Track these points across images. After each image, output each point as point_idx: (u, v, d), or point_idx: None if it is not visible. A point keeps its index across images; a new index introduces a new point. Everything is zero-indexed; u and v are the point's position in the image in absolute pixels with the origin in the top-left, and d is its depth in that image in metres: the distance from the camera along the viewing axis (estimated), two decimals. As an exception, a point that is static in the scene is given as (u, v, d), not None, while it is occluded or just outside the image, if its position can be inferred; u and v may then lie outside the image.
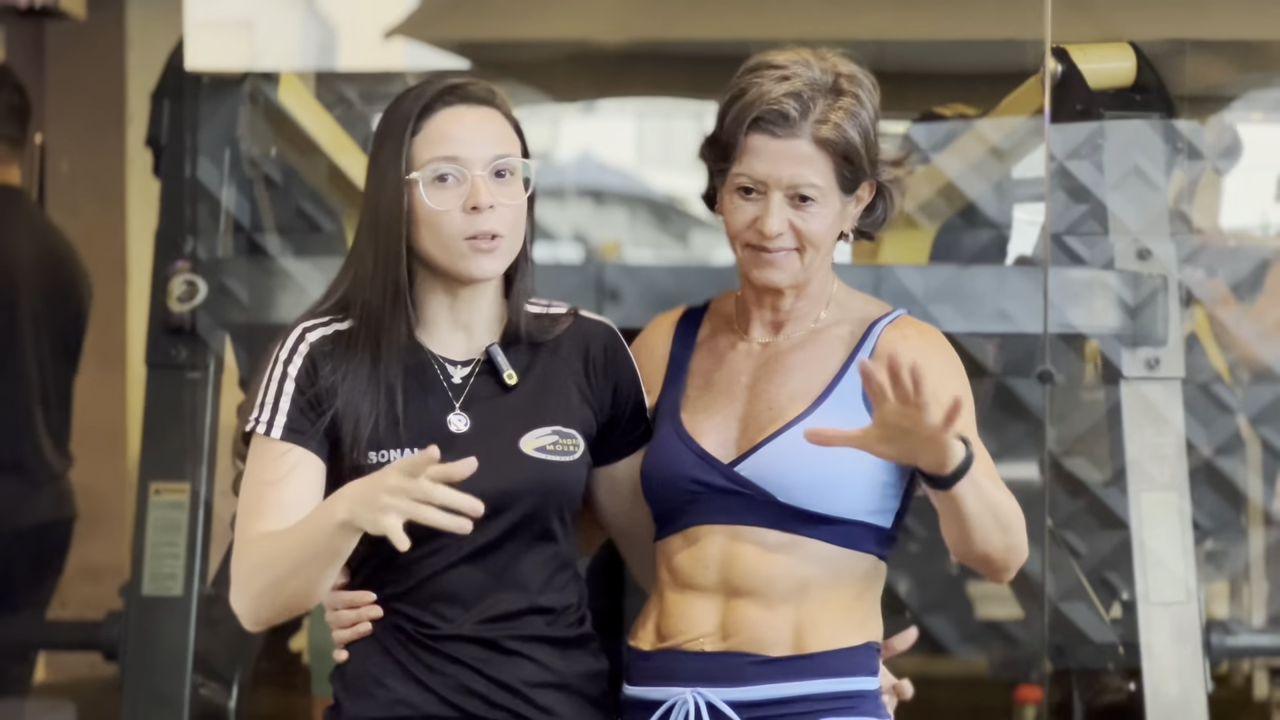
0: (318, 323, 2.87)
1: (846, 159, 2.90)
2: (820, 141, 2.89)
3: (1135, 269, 4.00)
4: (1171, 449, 3.99)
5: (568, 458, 2.88)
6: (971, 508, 2.73)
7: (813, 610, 2.88)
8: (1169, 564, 3.94)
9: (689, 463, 2.92)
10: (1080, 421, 4.15)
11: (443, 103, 2.86)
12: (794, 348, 2.97)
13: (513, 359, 2.90)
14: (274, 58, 5.93)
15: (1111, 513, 4.04)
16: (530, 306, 2.95)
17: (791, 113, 2.89)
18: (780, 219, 2.91)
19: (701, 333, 3.07)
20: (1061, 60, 4.08)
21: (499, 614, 2.84)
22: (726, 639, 2.89)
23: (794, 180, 2.90)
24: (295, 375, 2.83)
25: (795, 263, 2.93)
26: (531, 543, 2.86)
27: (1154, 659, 3.90)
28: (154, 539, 3.99)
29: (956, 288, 3.93)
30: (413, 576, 2.83)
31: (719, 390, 2.98)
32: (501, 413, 2.87)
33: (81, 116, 6.10)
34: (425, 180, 2.82)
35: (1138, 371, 3.99)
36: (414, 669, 2.83)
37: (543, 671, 2.85)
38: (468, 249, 2.82)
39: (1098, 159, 4.08)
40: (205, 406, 4.01)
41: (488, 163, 2.84)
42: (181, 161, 4.13)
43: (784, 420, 2.90)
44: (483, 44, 6.02)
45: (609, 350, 2.97)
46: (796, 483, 2.87)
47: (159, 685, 3.92)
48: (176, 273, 4.02)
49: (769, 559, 2.89)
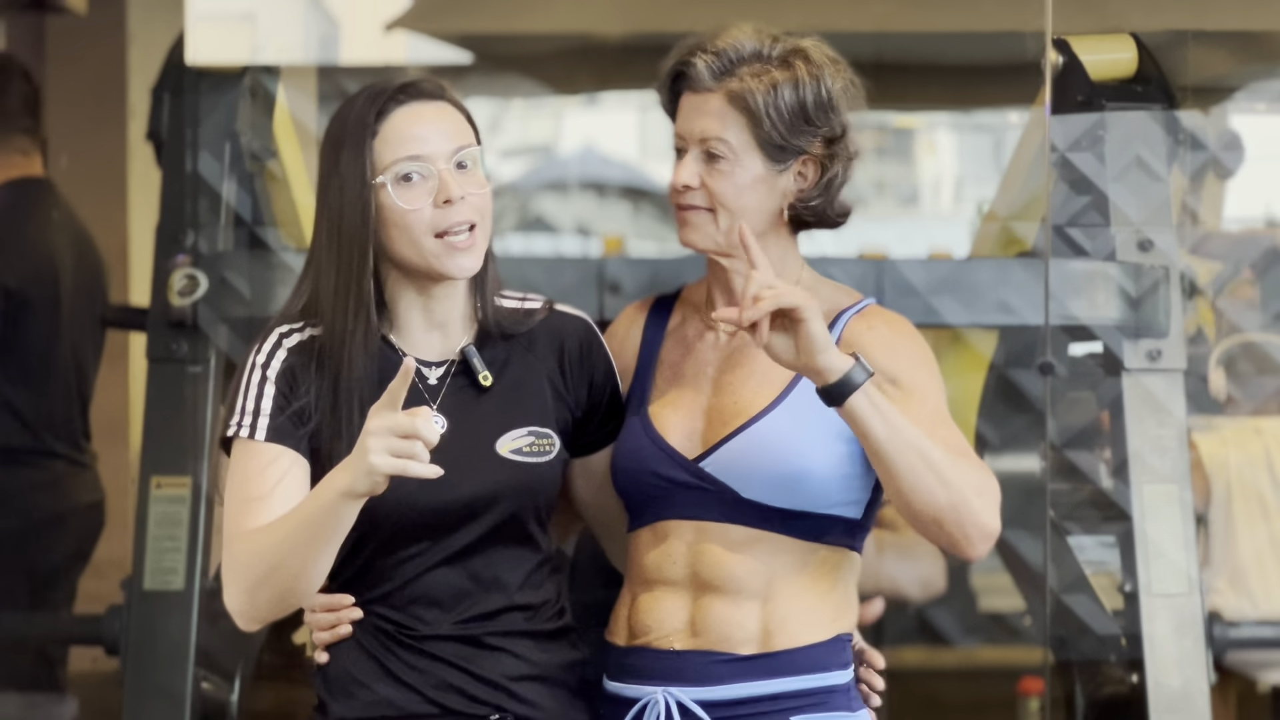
0: (293, 328, 2.86)
1: (761, 121, 2.88)
2: (731, 97, 2.89)
3: (1137, 260, 3.99)
4: (1173, 440, 3.99)
5: (543, 458, 2.88)
6: (880, 434, 2.72)
7: (780, 606, 2.88)
8: (1171, 555, 3.94)
9: (654, 458, 2.92)
10: (1081, 413, 4.15)
11: (396, 102, 2.84)
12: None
13: (487, 356, 2.89)
14: (275, 51, 5.93)
15: (1113, 504, 4.04)
16: (504, 300, 2.95)
17: (703, 68, 2.90)
18: (691, 172, 2.92)
19: (672, 321, 3.06)
20: (1063, 52, 4.08)
21: (478, 614, 2.84)
22: (695, 636, 2.89)
23: (704, 132, 2.90)
24: (275, 379, 2.82)
25: (709, 223, 2.92)
26: (509, 543, 2.87)
27: (1156, 651, 3.90)
28: (155, 533, 3.99)
29: (958, 280, 3.93)
30: (391, 580, 2.84)
31: (686, 381, 2.97)
32: (477, 415, 2.87)
33: (82, 111, 6.09)
34: (392, 181, 2.80)
35: (1139, 363, 3.98)
36: (395, 669, 2.84)
37: (523, 665, 2.86)
38: (441, 248, 2.81)
39: (1099, 150, 4.07)
40: (206, 400, 4.01)
41: (450, 156, 2.83)
42: (182, 156, 4.12)
43: (747, 416, 2.89)
44: (485, 37, 6.03)
45: (584, 345, 2.97)
46: (759, 480, 2.87)
47: (160, 679, 3.92)
48: (177, 267, 4.02)
49: (735, 555, 2.89)
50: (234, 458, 2.82)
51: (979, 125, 9.14)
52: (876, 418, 2.72)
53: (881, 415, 2.72)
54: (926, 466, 2.74)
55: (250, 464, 2.80)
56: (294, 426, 2.81)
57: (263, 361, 2.84)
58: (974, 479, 2.79)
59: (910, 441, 2.74)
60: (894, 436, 2.73)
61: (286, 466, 2.79)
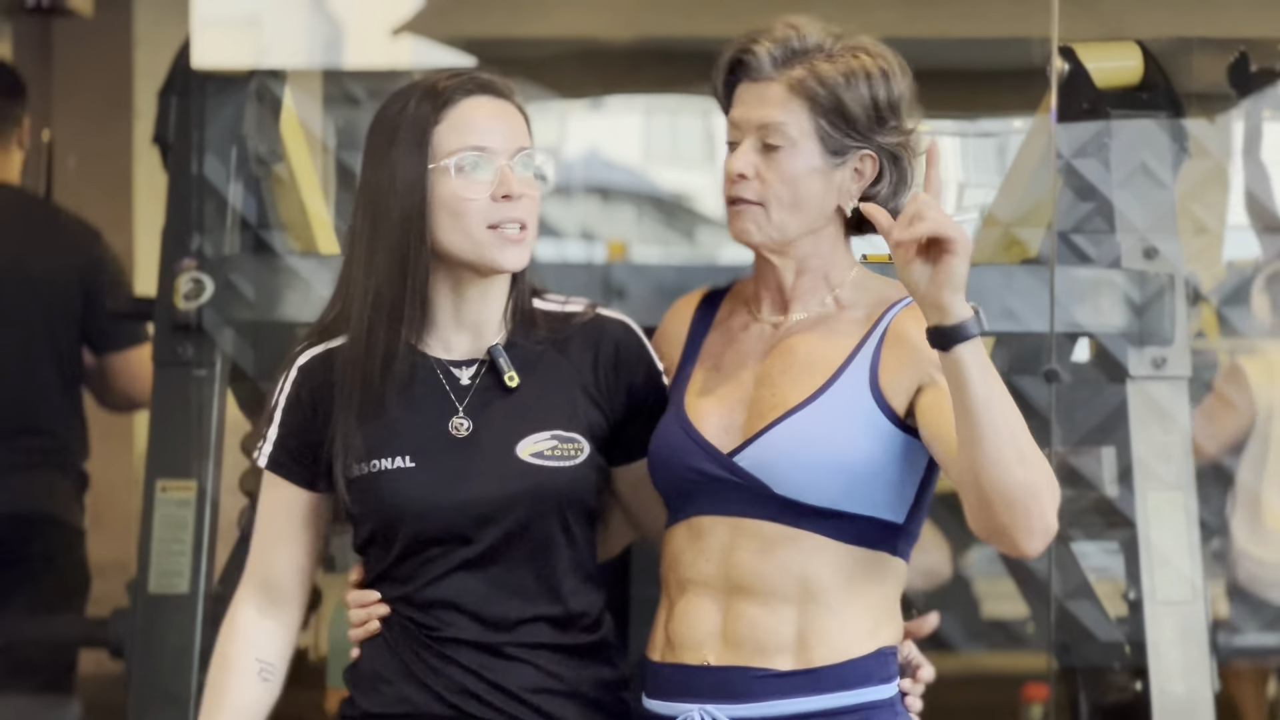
0: (310, 344, 2.88)
1: (828, 112, 2.83)
2: (794, 85, 2.83)
3: (1142, 268, 3.99)
4: (1178, 448, 3.99)
5: (568, 463, 2.83)
6: (978, 393, 2.61)
7: (818, 614, 2.80)
8: (1175, 563, 3.94)
9: (687, 450, 2.85)
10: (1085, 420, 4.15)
11: (465, 92, 2.82)
12: (803, 330, 2.88)
13: (518, 358, 2.86)
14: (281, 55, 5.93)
15: (1118, 511, 4.04)
16: (543, 304, 2.92)
17: (765, 56, 2.85)
18: (746, 161, 2.85)
19: (720, 313, 2.99)
20: (1068, 59, 4.08)
21: (499, 621, 2.82)
22: (728, 646, 2.81)
23: (763, 119, 2.84)
24: (284, 405, 2.86)
25: (760, 217, 2.85)
26: (534, 550, 2.83)
27: (1160, 658, 3.89)
28: (160, 536, 3.99)
29: (963, 285, 3.92)
30: (414, 581, 2.84)
31: (726, 373, 2.90)
32: (502, 416, 2.84)
33: (89, 114, 6.11)
34: (454, 168, 2.78)
35: (1144, 370, 3.98)
36: (416, 668, 2.83)
37: (547, 678, 2.82)
38: (494, 238, 2.78)
39: (1104, 157, 4.07)
40: (212, 404, 4.01)
41: (512, 153, 2.81)
42: (188, 159, 4.13)
43: (785, 407, 2.82)
44: (490, 41, 6.02)
45: (621, 348, 2.92)
46: (794, 474, 2.79)
47: (165, 682, 3.92)
48: (183, 270, 4.02)
49: (769, 553, 2.80)
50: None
51: (983, 131, 9.14)
52: (978, 374, 2.61)
53: (983, 373, 2.62)
54: (1011, 438, 2.63)
55: (261, 489, 2.92)
56: (293, 460, 2.86)
57: (279, 386, 2.88)
58: (1039, 460, 2.67)
59: (1003, 410, 2.63)
60: (989, 399, 2.61)
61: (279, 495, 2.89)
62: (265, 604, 2.92)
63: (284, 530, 2.89)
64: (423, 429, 2.82)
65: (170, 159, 4.19)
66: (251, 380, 4.04)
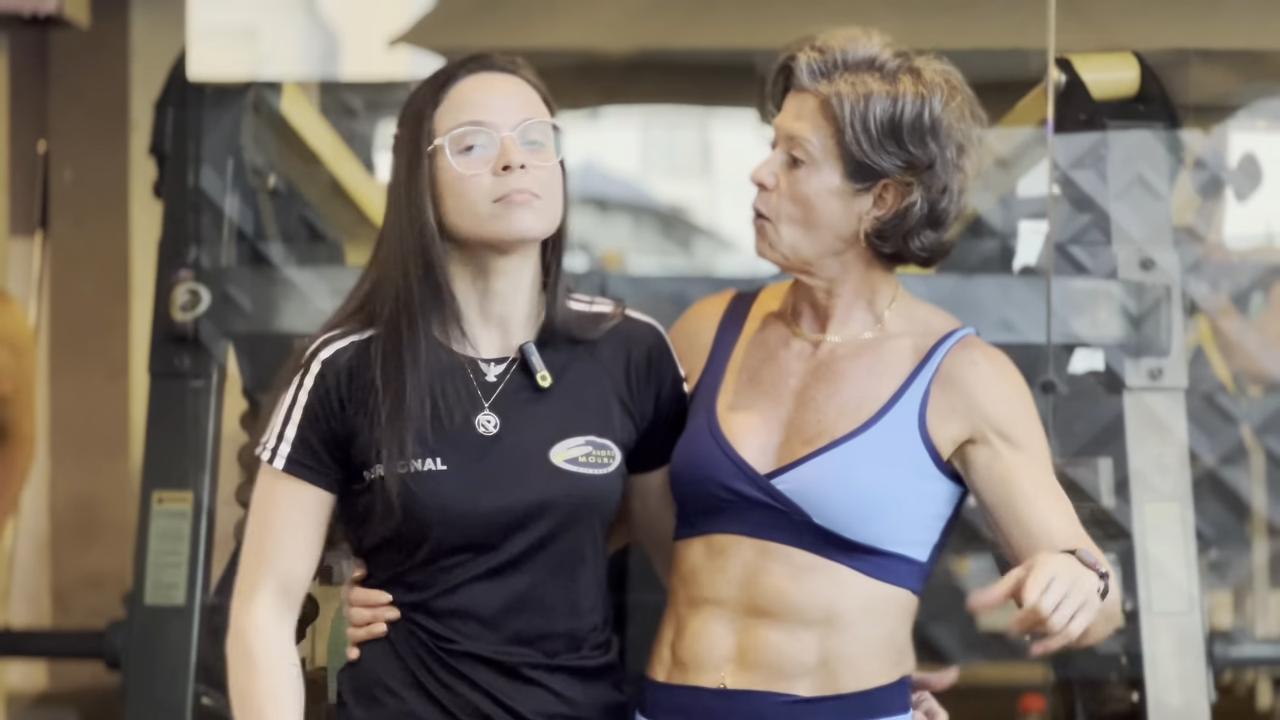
0: (332, 336, 2.74)
1: (847, 130, 2.71)
2: (824, 101, 2.73)
3: (1138, 279, 3.99)
4: (1175, 459, 3.99)
5: (601, 470, 2.73)
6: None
7: (841, 644, 2.73)
8: (1172, 574, 3.94)
9: (721, 467, 2.75)
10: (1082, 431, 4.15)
11: (465, 71, 2.74)
12: (851, 355, 2.79)
13: (549, 359, 2.75)
14: (277, 66, 5.93)
15: (1114, 522, 4.04)
16: (572, 303, 2.82)
17: (804, 67, 2.75)
18: (768, 170, 2.77)
19: (750, 322, 2.89)
20: (1065, 70, 4.08)
21: (519, 636, 2.71)
22: (746, 669, 2.73)
23: (790, 131, 2.75)
24: (306, 402, 2.72)
25: (771, 233, 2.76)
26: (559, 561, 2.72)
27: (1157, 669, 3.89)
28: (156, 547, 3.98)
29: (960, 297, 3.92)
30: (431, 588, 2.72)
31: (764, 390, 2.80)
32: (533, 418, 2.73)
33: (85, 126, 6.11)
34: (450, 147, 2.69)
35: (1141, 382, 3.98)
36: (426, 681, 2.72)
37: (559, 703, 2.73)
38: (500, 209, 2.67)
39: (1101, 169, 4.07)
40: (208, 415, 4.01)
41: (515, 125, 2.70)
42: (185, 170, 4.13)
43: (831, 437, 2.73)
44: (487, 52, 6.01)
45: (653, 354, 2.83)
46: (836, 506, 2.70)
47: (161, 694, 3.92)
48: (179, 281, 4.01)
49: (797, 581, 2.72)
50: (259, 475, 2.76)
51: (980, 142, 9.15)
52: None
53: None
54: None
55: (267, 490, 2.75)
56: (314, 454, 2.72)
57: (298, 381, 2.73)
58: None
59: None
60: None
61: (298, 499, 2.73)
62: (283, 607, 2.76)
63: (303, 533, 2.73)
64: (450, 427, 2.70)
65: (167, 170, 4.19)
66: (248, 392, 4.04)
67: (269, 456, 2.73)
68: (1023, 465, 2.74)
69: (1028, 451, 2.76)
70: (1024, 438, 2.77)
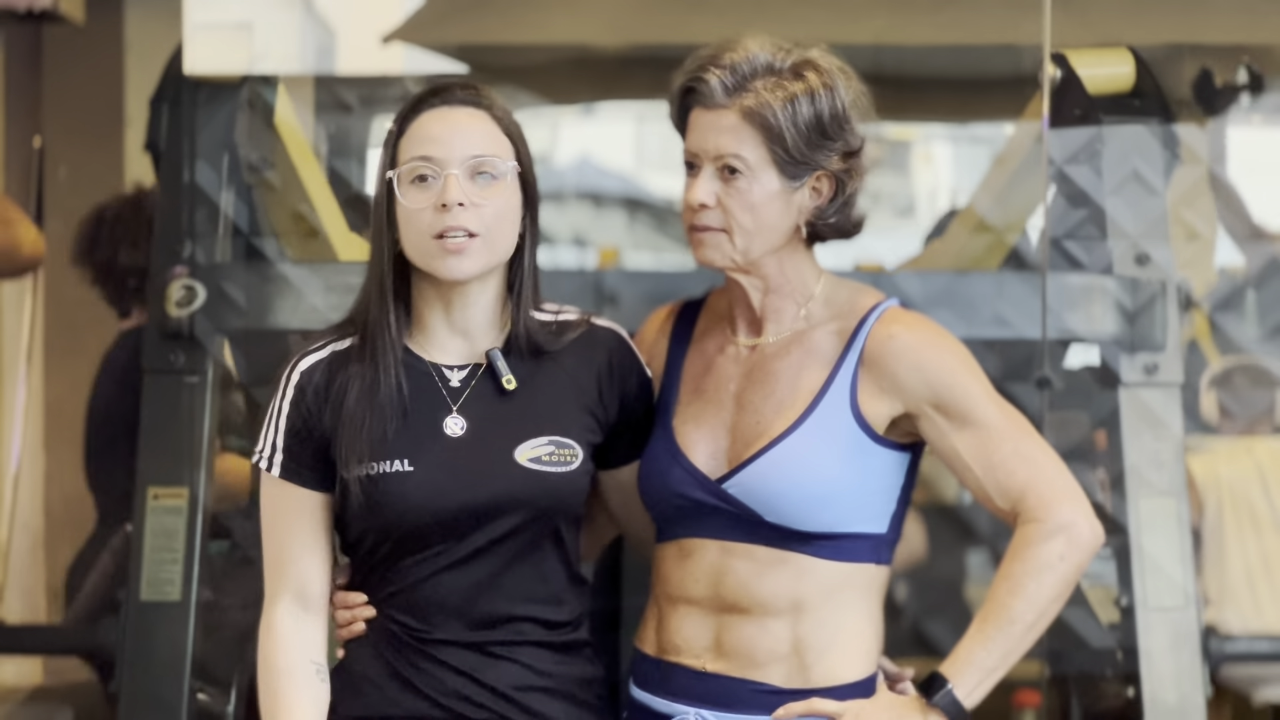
0: (313, 348, 2.89)
1: (780, 137, 2.82)
2: (747, 113, 2.83)
3: (1134, 274, 3.99)
4: (1170, 454, 3.99)
5: (563, 469, 2.86)
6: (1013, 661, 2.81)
7: (812, 631, 2.84)
8: (1167, 569, 3.94)
9: (676, 477, 2.89)
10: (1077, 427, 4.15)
11: (427, 104, 2.86)
12: (779, 352, 2.91)
13: (515, 366, 2.88)
14: (272, 61, 5.92)
15: (1110, 518, 4.04)
16: (539, 314, 2.93)
17: (716, 84, 2.84)
18: (707, 190, 2.86)
19: (696, 330, 3.02)
20: (1060, 65, 4.08)
21: (487, 621, 2.84)
22: (723, 657, 2.86)
23: (719, 149, 2.84)
24: (287, 411, 2.87)
25: (725, 243, 2.87)
26: (522, 553, 2.86)
27: (1152, 664, 3.89)
28: (152, 544, 3.98)
29: (954, 292, 3.92)
30: (401, 581, 2.86)
31: (708, 397, 2.93)
32: (498, 419, 2.86)
33: (80, 121, 6.09)
34: (403, 179, 2.82)
35: (1136, 377, 3.98)
36: (404, 671, 2.85)
37: (532, 675, 2.86)
38: (437, 249, 2.81)
39: (1096, 164, 4.07)
40: (203, 411, 4.01)
41: (463, 161, 2.81)
42: (180, 166, 4.12)
43: (770, 436, 2.85)
44: (481, 48, 6.01)
45: (615, 358, 2.95)
46: (784, 502, 2.82)
47: (157, 690, 3.92)
48: (175, 278, 4.01)
49: (761, 576, 2.85)
50: (261, 482, 2.91)
51: (975, 137, 9.15)
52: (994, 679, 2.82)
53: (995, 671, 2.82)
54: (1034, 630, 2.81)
55: (270, 497, 2.90)
56: (300, 459, 2.86)
57: (280, 390, 2.88)
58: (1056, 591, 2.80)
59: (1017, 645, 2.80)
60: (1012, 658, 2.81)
61: (296, 502, 2.88)
62: (299, 610, 2.90)
63: (308, 535, 2.88)
64: (417, 430, 2.85)
65: (162, 166, 4.19)
66: (243, 387, 4.04)
67: (265, 465, 2.87)
68: (966, 440, 2.82)
69: (968, 415, 2.83)
70: (959, 401, 2.83)
